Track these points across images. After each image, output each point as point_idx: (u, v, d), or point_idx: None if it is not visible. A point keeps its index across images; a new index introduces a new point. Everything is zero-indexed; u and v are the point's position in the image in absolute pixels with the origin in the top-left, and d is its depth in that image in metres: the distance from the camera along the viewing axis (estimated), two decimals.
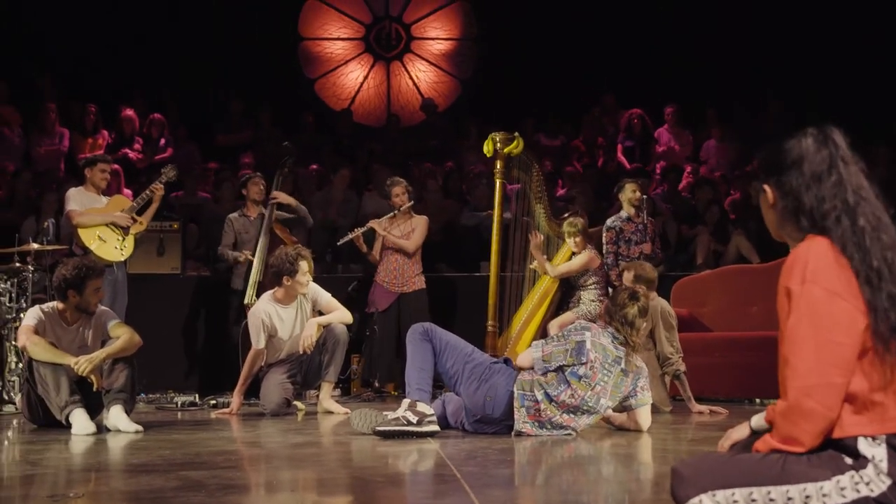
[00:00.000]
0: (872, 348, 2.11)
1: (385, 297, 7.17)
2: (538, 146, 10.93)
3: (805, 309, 2.13)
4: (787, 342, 2.17)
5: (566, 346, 4.30)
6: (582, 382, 4.23)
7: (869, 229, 2.16)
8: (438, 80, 12.30)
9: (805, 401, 2.12)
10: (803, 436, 2.15)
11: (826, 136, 2.27)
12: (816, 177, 2.22)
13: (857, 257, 2.13)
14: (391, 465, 3.63)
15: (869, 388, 2.13)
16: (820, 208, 2.20)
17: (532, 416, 4.26)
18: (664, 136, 10.70)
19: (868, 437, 2.15)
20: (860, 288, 2.11)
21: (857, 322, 2.10)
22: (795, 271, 2.17)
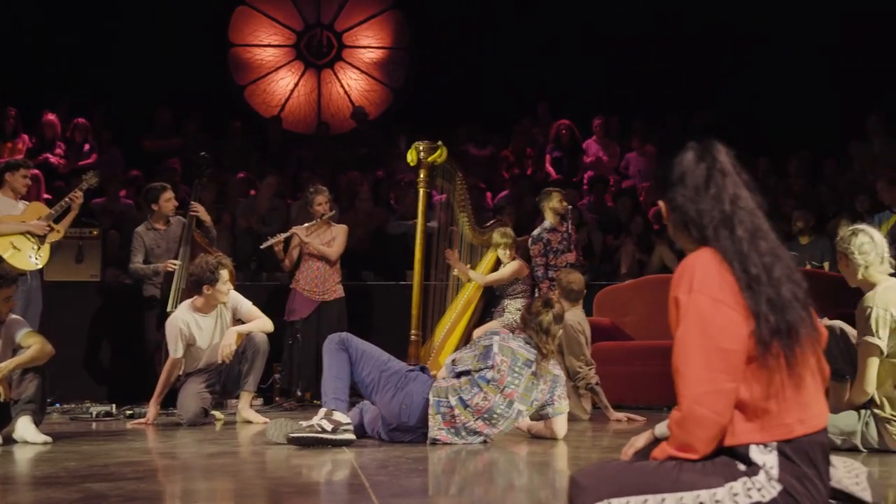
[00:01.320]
0: (757, 355, 2.16)
1: (306, 306, 7.10)
2: (467, 156, 10.96)
3: (692, 318, 2.17)
4: (677, 351, 2.21)
5: (475, 351, 4.36)
6: (491, 386, 4.26)
7: (747, 237, 2.21)
8: (370, 88, 12.27)
9: (696, 408, 2.15)
10: (697, 443, 2.18)
11: (705, 149, 2.31)
12: (696, 190, 2.26)
13: (737, 265, 2.18)
14: (302, 475, 3.60)
15: (758, 395, 2.18)
16: (701, 220, 2.25)
17: (447, 422, 4.26)
18: (592, 147, 10.81)
19: (759, 444, 2.19)
20: (742, 295, 2.15)
21: (742, 328, 2.15)
22: (683, 281, 2.21)
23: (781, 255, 2.24)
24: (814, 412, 2.21)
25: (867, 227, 4.00)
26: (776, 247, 2.25)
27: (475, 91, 11.33)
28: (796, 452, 2.18)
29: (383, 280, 8.28)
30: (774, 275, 2.19)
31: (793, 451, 2.17)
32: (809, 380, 2.23)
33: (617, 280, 8.26)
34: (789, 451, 2.17)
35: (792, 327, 2.17)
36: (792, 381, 2.17)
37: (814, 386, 2.24)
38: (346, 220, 8.57)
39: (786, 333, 2.16)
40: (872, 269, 3.92)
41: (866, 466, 3.42)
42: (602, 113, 10.88)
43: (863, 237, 3.92)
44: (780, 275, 2.20)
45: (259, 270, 8.20)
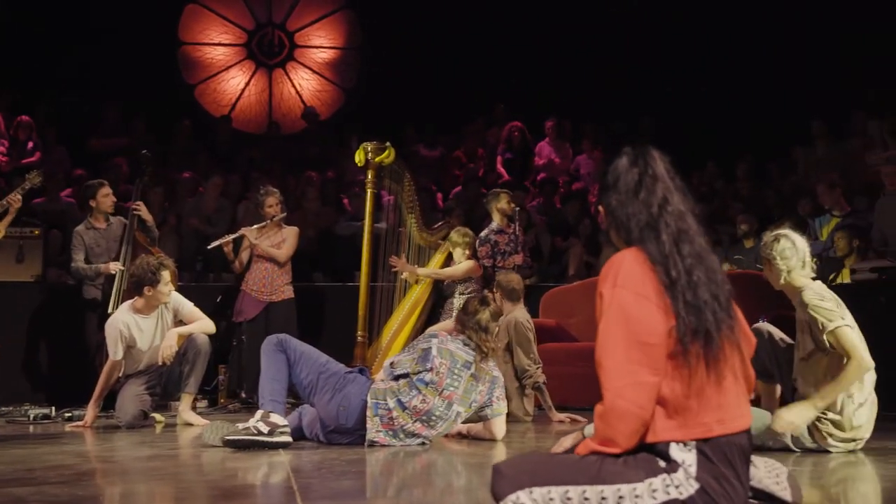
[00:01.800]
0: (677, 352, 2.18)
1: (253, 306, 7.05)
2: (418, 157, 10.98)
3: (615, 311, 2.21)
4: (599, 345, 2.24)
5: (413, 354, 4.34)
6: (429, 388, 4.25)
7: (670, 241, 2.25)
8: (322, 88, 12.21)
9: (618, 401, 2.18)
10: (618, 436, 2.21)
11: (639, 155, 2.37)
12: (627, 194, 2.32)
13: (660, 267, 2.22)
14: (235, 478, 3.55)
15: (679, 393, 2.21)
16: (629, 223, 2.30)
17: (385, 424, 4.24)
18: (545, 150, 10.85)
19: (679, 442, 2.21)
20: (665, 296, 2.19)
21: (663, 324, 2.18)
22: (608, 277, 2.25)
23: (705, 259, 2.28)
24: (734, 413, 2.24)
25: (790, 232, 4.05)
26: (701, 250, 2.29)
27: (427, 92, 11.33)
28: (715, 452, 2.20)
29: (332, 281, 8.24)
30: (694, 278, 2.23)
31: (711, 450, 2.20)
32: (731, 381, 2.26)
33: (565, 282, 8.30)
34: (708, 450, 2.20)
35: (708, 329, 2.20)
36: (712, 381, 2.20)
37: (736, 388, 2.27)
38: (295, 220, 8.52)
39: (703, 334, 2.19)
40: (794, 274, 3.99)
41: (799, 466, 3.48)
42: (555, 115, 10.93)
43: (784, 242, 3.99)
44: (701, 278, 2.24)
45: (205, 271, 8.12)
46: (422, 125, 11.06)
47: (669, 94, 11.15)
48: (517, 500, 2.19)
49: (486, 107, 11.38)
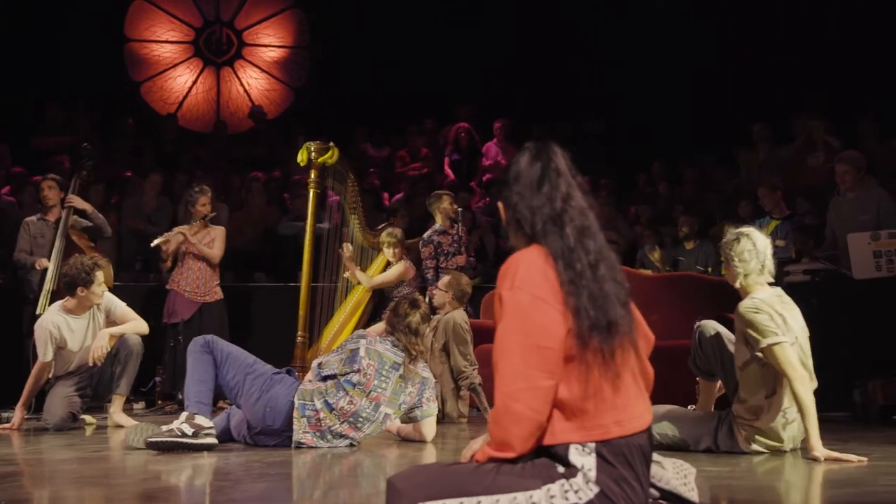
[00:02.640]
0: (576, 353, 2.17)
1: (188, 307, 6.97)
2: (365, 156, 10.95)
3: (512, 314, 2.18)
4: (496, 348, 2.22)
5: (341, 355, 4.31)
6: (357, 390, 4.23)
7: (575, 234, 2.23)
8: (270, 87, 12.12)
9: (513, 405, 2.15)
10: (514, 440, 2.18)
11: (541, 150, 2.35)
12: (530, 188, 2.29)
13: (562, 261, 2.20)
14: (157, 481, 3.49)
15: (576, 395, 2.19)
16: (532, 217, 2.28)
17: (312, 426, 4.21)
18: (492, 150, 10.85)
19: (578, 445, 2.20)
20: (564, 291, 2.17)
21: (561, 326, 2.17)
22: (507, 278, 2.22)
23: (607, 256, 2.28)
24: (633, 414, 2.23)
25: (753, 231, 3.92)
26: (603, 247, 2.28)
27: (375, 91, 11.29)
28: (614, 454, 2.19)
29: (274, 281, 8.17)
30: (599, 272, 2.22)
31: (610, 452, 2.19)
32: (630, 381, 2.25)
33: None
34: (607, 452, 2.19)
35: (611, 322, 2.19)
36: (610, 381, 2.19)
37: (635, 388, 2.27)
38: (238, 220, 8.45)
39: (605, 328, 2.18)
40: (751, 279, 3.87)
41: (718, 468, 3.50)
42: (503, 116, 10.94)
43: (745, 243, 3.86)
44: (604, 273, 2.23)
45: (145, 271, 8.01)
46: (371, 125, 11.01)
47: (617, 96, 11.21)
48: None
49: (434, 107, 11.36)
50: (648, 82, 11.12)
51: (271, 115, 11.68)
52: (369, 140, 11.09)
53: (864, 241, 6.02)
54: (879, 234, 6.02)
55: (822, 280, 6.29)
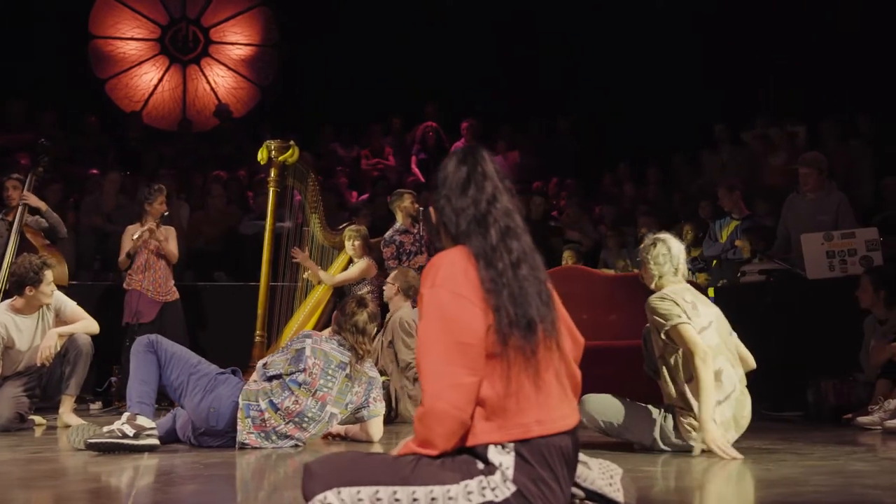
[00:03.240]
0: (497, 351, 2.17)
1: (151, 307, 6.92)
2: (334, 156, 10.92)
3: (434, 312, 2.20)
4: (418, 346, 2.23)
5: (287, 354, 4.28)
6: (302, 389, 4.20)
7: (498, 236, 2.26)
8: (237, 85, 12.05)
9: (436, 403, 2.16)
10: (436, 438, 2.19)
11: (468, 153, 2.38)
12: (456, 190, 2.32)
13: (484, 261, 2.22)
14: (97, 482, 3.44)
15: (497, 394, 2.19)
16: (457, 219, 2.30)
17: (257, 426, 4.18)
18: None
19: (498, 444, 2.19)
20: (485, 290, 2.18)
21: (482, 323, 2.17)
22: (428, 276, 2.24)
23: (530, 256, 2.30)
24: (556, 414, 2.23)
25: (668, 237, 4.11)
26: (527, 248, 2.31)
27: (343, 90, 11.26)
28: (533, 454, 2.19)
29: (235, 281, 8.12)
30: (520, 272, 2.24)
31: (529, 452, 2.19)
32: (554, 382, 2.25)
33: None
34: (526, 452, 2.19)
35: (532, 321, 2.20)
36: (532, 380, 2.20)
37: (559, 389, 2.26)
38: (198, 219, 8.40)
39: (525, 326, 2.19)
40: (665, 280, 4.04)
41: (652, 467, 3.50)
42: (471, 116, 10.94)
43: (660, 248, 4.05)
44: (526, 273, 2.25)
45: (103, 270, 7.93)
46: (338, 124, 10.97)
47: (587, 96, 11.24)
48: (325, 500, 2.16)
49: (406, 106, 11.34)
50: (619, 82, 11.15)
51: (238, 114, 11.61)
52: (337, 139, 11.05)
53: (818, 242, 6.05)
54: (832, 234, 6.06)
55: (776, 280, 6.33)
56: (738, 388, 3.91)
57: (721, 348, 3.91)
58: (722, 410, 3.85)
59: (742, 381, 3.97)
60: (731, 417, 3.87)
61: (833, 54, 9.61)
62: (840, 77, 9.54)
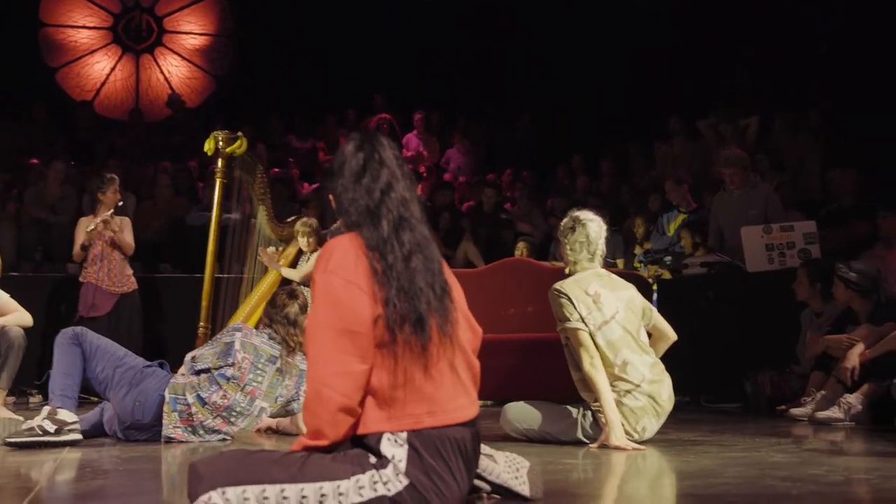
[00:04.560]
0: (386, 342, 2.15)
1: (107, 300, 6.84)
2: (289, 147, 10.85)
3: (324, 298, 2.18)
4: (307, 332, 2.20)
5: (215, 348, 4.24)
6: (231, 384, 4.15)
7: (390, 227, 2.24)
8: (191, 75, 11.93)
9: (323, 390, 2.14)
10: (324, 426, 2.17)
11: (364, 140, 2.35)
12: (351, 179, 2.30)
13: (376, 253, 2.20)
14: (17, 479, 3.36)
15: (387, 383, 2.18)
16: (350, 208, 2.28)
17: (184, 420, 4.13)
18: (413, 142, 10.82)
19: (390, 435, 2.17)
20: (375, 282, 2.17)
21: (371, 311, 2.16)
22: (321, 261, 2.22)
23: (424, 248, 2.27)
24: (449, 406, 2.21)
25: (589, 221, 3.99)
26: (421, 239, 2.28)
27: (299, 81, 11.18)
28: (425, 446, 2.17)
29: (181, 272, 8.03)
30: (411, 265, 2.22)
31: (422, 444, 2.17)
32: (448, 373, 2.23)
33: None
34: (418, 444, 2.17)
35: (421, 317, 2.18)
36: (422, 371, 2.18)
37: (454, 380, 2.24)
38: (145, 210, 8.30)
39: (415, 321, 2.17)
40: (579, 266, 4.00)
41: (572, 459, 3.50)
42: (426, 108, 10.91)
43: (579, 233, 3.97)
44: (418, 266, 2.22)
45: (45, 261, 7.82)
46: (293, 115, 10.90)
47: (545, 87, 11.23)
48: (209, 500, 2.11)
49: (361, 98, 11.27)
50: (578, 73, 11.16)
51: (192, 104, 11.50)
52: (293, 131, 10.99)
53: (758, 235, 6.09)
54: (772, 227, 6.10)
55: (717, 273, 6.36)
56: (649, 375, 3.86)
57: (625, 340, 3.88)
58: (633, 399, 3.83)
59: (654, 366, 3.92)
60: (645, 404, 3.84)
61: (798, 46, 9.68)
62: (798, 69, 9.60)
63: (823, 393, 4.95)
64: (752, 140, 8.93)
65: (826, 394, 4.93)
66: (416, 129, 10.83)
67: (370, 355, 2.15)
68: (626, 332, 3.89)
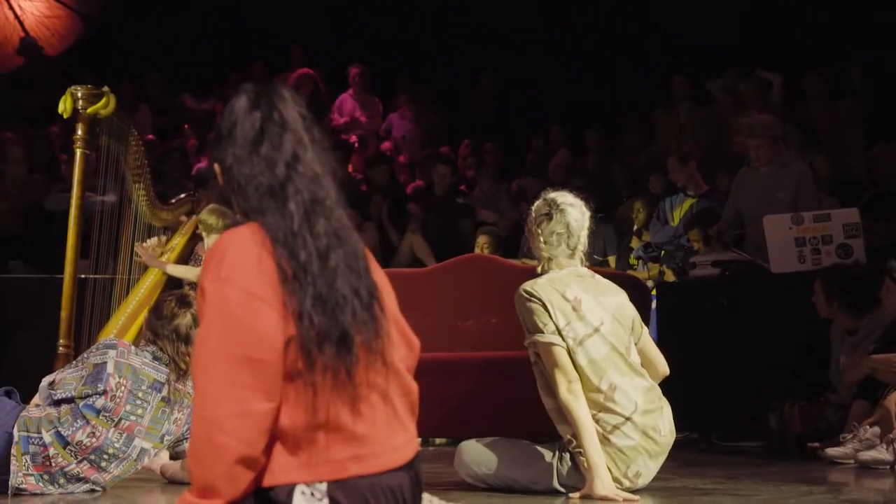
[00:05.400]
0: (300, 370, 2.10)
1: None
2: (182, 110, 10.80)
3: (217, 314, 2.12)
4: (195, 358, 2.15)
5: (81, 371, 4.18)
6: (102, 418, 4.10)
7: (301, 212, 2.18)
8: (51, 13, 11.80)
9: (216, 435, 2.09)
10: (218, 482, 2.12)
11: (261, 94, 2.27)
12: (246, 147, 2.22)
13: (283, 249, 2.15)
14: None
15: (301, 423, 2.14)
16: (247, 187, 2.21)
17: (39, 466, 4.07)
18: (347, 104, 10.83)
19: (306, 487, 2.14)
20: (284, 289, 2.11)
21: (282, 332, 2.11)
22: (211, 265, 2.16)
23: (345, 240, 2.21)
24: (381, 448, 2.18)
25: (571, 204, 3.98)
26: (340, 228, 2.21)
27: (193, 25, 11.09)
28: (351, 499, 2.14)
29: (37, 272, 7.93)
30: (330, 263, 2.16)
31: (347, 497, 2.14)
32: (379, 405, 2.19)
33: None
34: (342, 497, 2.14)
35: (346, 333, 2.13)
36: (349, 404, 2.14)
37: (388, 414, 2.21)
38: None
39: (337, 340, 2.12)
40: (555, 264, 3.98)
41: None
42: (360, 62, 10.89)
43: (557, 221, 3.94)
44: (339, 264, 2.17)
45: None
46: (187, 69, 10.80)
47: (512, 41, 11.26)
48: None
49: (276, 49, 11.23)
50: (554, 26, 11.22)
51: (53, 52, 11.40)
52: (187, 89, 10.92)
53: (785, 226, 6.15)
54: (802, 216, 6.16)
55: (733, 274, 6.42)
56: (643, 403, 3.87)
57: (612, 359, 3.87)
58: (623, 436, 3.83)
59: (649, 391, 3.93)
60: (638, 442, 3.84)
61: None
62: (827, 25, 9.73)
63: (868, 428, 4.99)
64: (777, 107, 9.03)
65: (871, 429, 4.98)
66: (352, 89, 10.82)
67: (277, 390, 2.10)
68: (613, 348, 3.89)
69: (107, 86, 6.78)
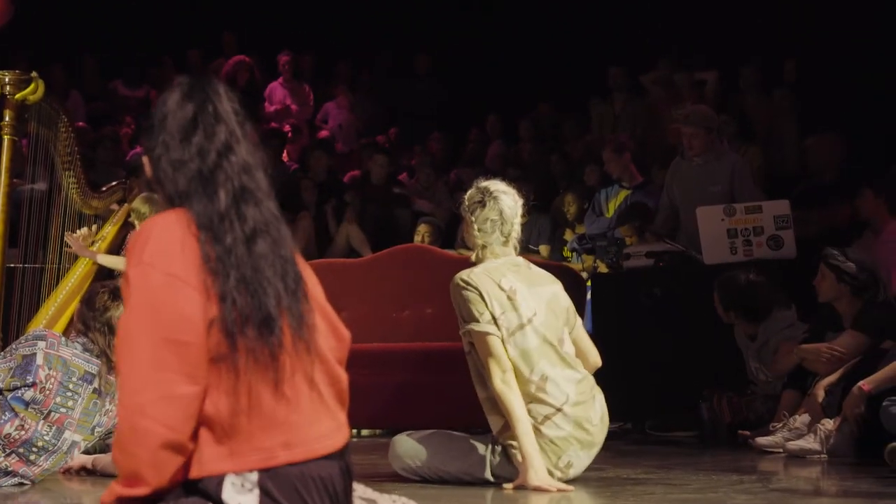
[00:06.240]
0: (223, 354, 2.12)
1: None
2: (115, 95, 10.73)
3: (140, 298, 2.14)
4: (119, 343, 2.16)
5: (10, 362, 4.15)
6: (31, 410, 4.08)
7: (229, 200, 2.21)
8: None
9: (140, 421, 2.10)
10: (144, 469, 2.13)
11: (196, 86, 2.31)
12: (177, 136, 2.26)
13: (209, 232, 2.17)
14: None
15: (226, 409, 2.15)
16: (174, 175, 2.24)
17: None
18: (278, 93, 10.81)
19: (236, 477, 2.15)
20: (207, 271, 2.14)
21: (204, 314, 2.12)
22: (135, 250, 2.19)
23: (273, 228, 2.25)
24: (310, 434, 2.19)
25: (503, 191, 4.02)
26: (269, 217, 2.25)
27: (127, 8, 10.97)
28: (282, 489, 2.15)
29: None
30: (256, 249, 2.19)
31: (278, 486, 2.15)
32: (307, 393, 2.21)
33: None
34: (273, 486, 2.15)
35: (269, 316, 2.15)
36: (272, 391, 2.16)
37: (316, 401, 2.23)
38: None
39: (260, 322, 2.14)
40: (489, 252, 4.01)
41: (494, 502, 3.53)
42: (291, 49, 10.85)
43: (490, 209, 3.97)
44: (265, 251, 2.20)
45: None
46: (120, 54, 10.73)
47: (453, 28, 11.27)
48: None
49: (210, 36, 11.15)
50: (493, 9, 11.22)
51: None
52: (119, 75, 10.82)
53: (717, 217, 6.22)
54: (734, 208, 6.24)
55: (666, 265, 6.49)
56: (574, 395, 3.90)
57: (543, 350, 3.91)
58: (554, 427, 3.87)
59: (581, 383, 3.96)
60: (570, 433, 3.88)
61: None
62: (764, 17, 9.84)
63: (797, 417, 5.07)
64: (712, 98, 9.14)
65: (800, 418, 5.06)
66: (282, 77, 10.80)
67: (202, 373, 2.11)
68: (545, 340, 3.92)
69: (36, 71, 6.73)
